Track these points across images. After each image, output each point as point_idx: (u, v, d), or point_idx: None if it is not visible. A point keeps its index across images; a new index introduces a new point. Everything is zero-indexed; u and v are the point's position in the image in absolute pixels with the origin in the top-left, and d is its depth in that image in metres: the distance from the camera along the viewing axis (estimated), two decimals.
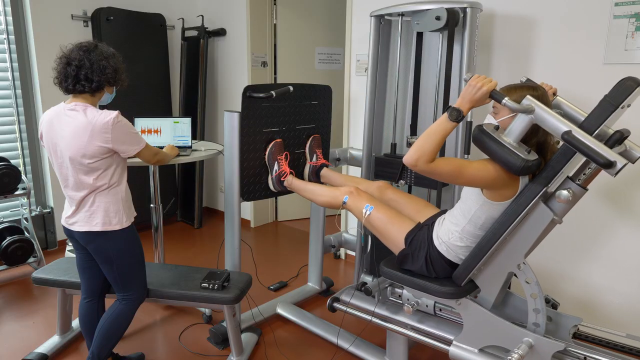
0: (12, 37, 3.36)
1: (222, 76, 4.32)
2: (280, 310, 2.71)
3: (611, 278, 2.45)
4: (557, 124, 1.51)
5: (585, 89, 2.37)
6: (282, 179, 2.42)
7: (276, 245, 3.90)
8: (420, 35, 2.55)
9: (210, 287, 2.13)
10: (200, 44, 4.10)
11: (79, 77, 1.80)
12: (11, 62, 3.36)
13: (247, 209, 4.36)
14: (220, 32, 4.15)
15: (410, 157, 1.60)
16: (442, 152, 2.48)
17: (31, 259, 3.23)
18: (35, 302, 2.88)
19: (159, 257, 2.86)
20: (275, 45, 4.17)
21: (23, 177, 3.26)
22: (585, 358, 1.71)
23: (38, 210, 3.57)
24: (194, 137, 4.19)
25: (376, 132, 2.73)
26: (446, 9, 2.22)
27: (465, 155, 2.33)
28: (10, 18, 3.34)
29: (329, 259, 3.64)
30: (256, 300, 2.93)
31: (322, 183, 2.51)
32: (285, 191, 2.50)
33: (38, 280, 2.28)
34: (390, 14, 2.55)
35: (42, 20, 3.40)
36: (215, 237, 4.04)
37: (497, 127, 1.63)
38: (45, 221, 3.63)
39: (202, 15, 4.24)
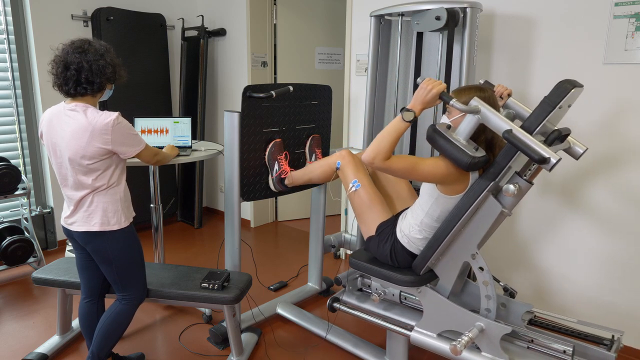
0: (12, 37, 3.36)
1: (222, 76, 4.32)
2: (280, 310, 2.71)
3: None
4: (500, 123, 1.62)
5: (585, 89, 2.37)
6: (283, 178, 2.43)
7: (276, 245, 3.90)
8: (420, 35, 2.54)
9: (210, 287, 2.13)
10: (200, 44, 4.10)
11: (79, 80, 1.78)
12: (11, 62, 3.36)
13: (247, 209, 4.36)
14: (220, 32, 4.15)
15: (367, 155, 1.72)
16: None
17: (31, 259, 3.23)
18: (35, 302, 2.88)
19: (159, 257, 2.86)
20: (275, 45, 4.17)
21: (23, 177, 3.26)
22: (532, 340, 1.86)
23: (38, 210, 3.57)
24: (194, 137, 4.19)
25: (376, 132, 2.73)
26: (446, 9, 2.22)
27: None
28: (10, 18, 3.34)
29: (329, 259, 3.64)
30: (256, 300, 2.93)
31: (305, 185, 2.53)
32: (286, 191, 2.50)
33: (38, 280, 2.28)
34: (390, 14, 2.54)
35: (42, 20, 3.40)
36: (215, 237, 4.04)
37: (449, 127, 1.73)
38: (45, 221, 3.63)
39: (202, 15, 4.24)
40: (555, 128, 1.68)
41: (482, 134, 1.76)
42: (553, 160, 1.52)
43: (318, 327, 2.53)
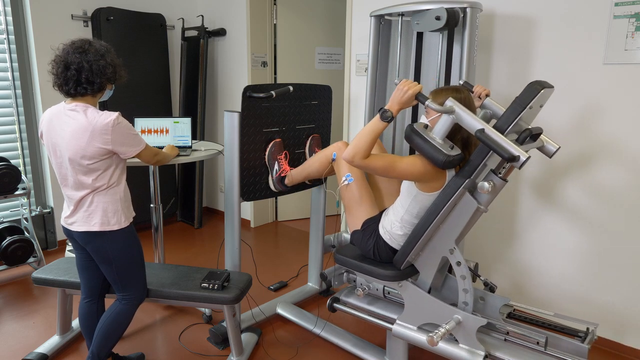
0: (12, 37, 3.36)
1: (222, 76, 4.32)
2: (280, 310, 2.71)
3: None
4: (473, 123, 1.66)
5: (585, 89, 2.37)
6: (283, 177, 2.43)
7: (276, 245, 3.90)
8: (420, 35, 2.54)
9: (210, 287, 2.13)
10: (200, 44, 4.10)
11: (80, 80, 1.78)
12: (11, 62, 3.36)
13: (247, 209, 4.36)
14: (220, 32, 4.15)
15: (347, 153, 1.78)
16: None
17: (31, 259, 3.23)
18: (35, 302, 2.88)
19: (159, 257, 2.86)
20: (275, 45, 4.17)
21: (23, 177, 3.26)
22: (508, 333, 1.93)
23: (38, 210, 3.57)
24: (194, 137, 4.19)
25: None
26: (446, 9, 2.22)
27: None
28: (10, 18, 3.34)
29: (329, 259, 3.64)
30: (256, 300, 2.93)
31: (306, 182, 2.55)
32: (286, 191, 2.50)
33: (38, 280, 2.28)
34: (390, 14, 2.55)
35: (42, 20, 3.40)
36: (215, 237, 4.04)
37: (426, 126, 1.78)
38: (45, 221, 3.63)
39: (202, 15, 4.24)
40: (528, 127, 1.72)
41: (458, 133, 1.81)
42: (522, 158, 1.57)
43: (318, 327, 2.53)
